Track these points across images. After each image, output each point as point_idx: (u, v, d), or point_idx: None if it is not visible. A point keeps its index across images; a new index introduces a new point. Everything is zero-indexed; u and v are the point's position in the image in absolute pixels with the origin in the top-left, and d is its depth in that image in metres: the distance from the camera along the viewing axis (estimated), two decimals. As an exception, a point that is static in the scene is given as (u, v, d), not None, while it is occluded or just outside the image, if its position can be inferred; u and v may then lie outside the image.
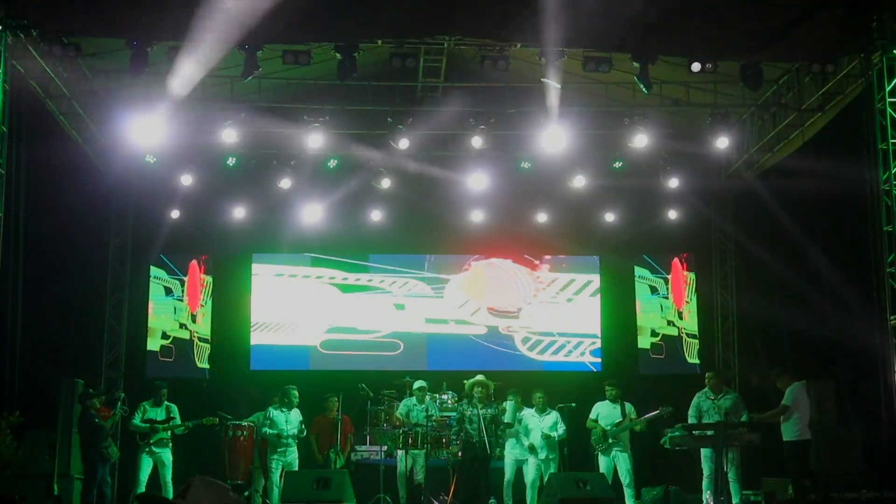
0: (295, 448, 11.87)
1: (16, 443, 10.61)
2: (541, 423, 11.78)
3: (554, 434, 11.68)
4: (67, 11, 9.80)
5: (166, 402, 12.02)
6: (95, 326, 13.92)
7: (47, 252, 12.20)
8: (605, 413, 11.76)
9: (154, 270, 14.51)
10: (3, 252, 10.11)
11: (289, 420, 11.85)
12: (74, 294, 13.18)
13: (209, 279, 14.76)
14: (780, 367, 11.15)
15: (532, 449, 11.73)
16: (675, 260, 15.13)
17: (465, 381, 11.89)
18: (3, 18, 9.84)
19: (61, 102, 11.70)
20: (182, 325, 14.56)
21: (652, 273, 15.13)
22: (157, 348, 14.39)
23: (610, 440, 11.58)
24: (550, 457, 11.70)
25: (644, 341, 14.93)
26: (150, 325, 14.37)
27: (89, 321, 13.77)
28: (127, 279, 14.30)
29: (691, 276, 15.11)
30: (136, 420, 11.80)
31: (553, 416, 11.81)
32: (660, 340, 14.93)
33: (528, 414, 11.89)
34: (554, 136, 12.04)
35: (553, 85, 10.76)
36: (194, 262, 14.68)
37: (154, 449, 11.79)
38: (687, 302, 15.01)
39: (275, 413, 11.86)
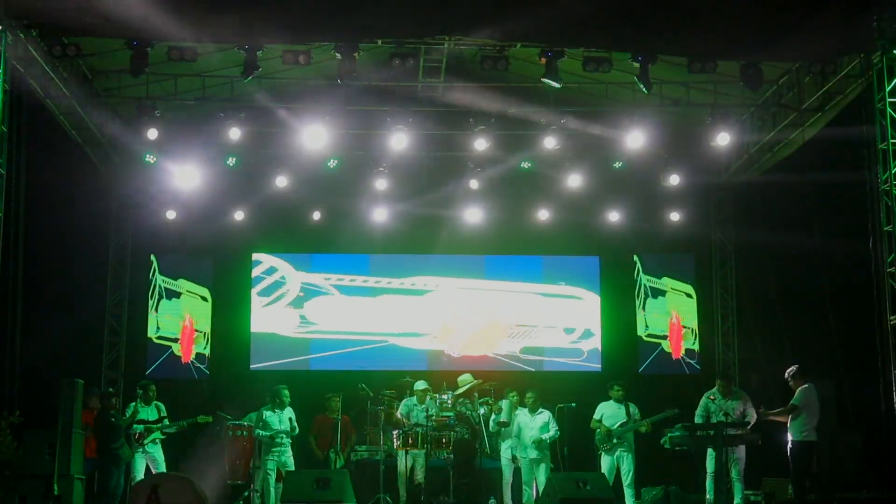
0: (289, 448, 11.82)
1: (16, 443, 10.59)
2: (531, 423, 11.76)
3: (545, 436, 11.66)
4: (67, 11, 9.79)
5: (155, 401, 11.99)
6: (95, 326, 13.92)
7: (47, 252, 12.19)
8: (609, 413, 11.74)
9: (165, 279, 14.55)
10: (3, 252, 10.10)
11: (282, 420, 11.79)
12: (74, 294, 13.18)
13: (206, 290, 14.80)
14: (796, 367, 11.01)
15: (523, 448, 11.73)
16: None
17: (459, 380, 12.10)
18: (2, 18, 9.84)
19: (61, 102, 11.68)
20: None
21: (653, 273, 15.13)
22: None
23: (615, 440, 11.57)
24: (540, 456, 11.69)
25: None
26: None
27: (89, 321, 13.76)
28: (127, 279, 14.30)
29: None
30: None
31: (545, 415, 11.79)
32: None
33: (521, 413, 11.90)
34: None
35: (553, 85, 10.75)
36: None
37: (147, 448, 11.77)
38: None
39: (268, 414, 11.80)
